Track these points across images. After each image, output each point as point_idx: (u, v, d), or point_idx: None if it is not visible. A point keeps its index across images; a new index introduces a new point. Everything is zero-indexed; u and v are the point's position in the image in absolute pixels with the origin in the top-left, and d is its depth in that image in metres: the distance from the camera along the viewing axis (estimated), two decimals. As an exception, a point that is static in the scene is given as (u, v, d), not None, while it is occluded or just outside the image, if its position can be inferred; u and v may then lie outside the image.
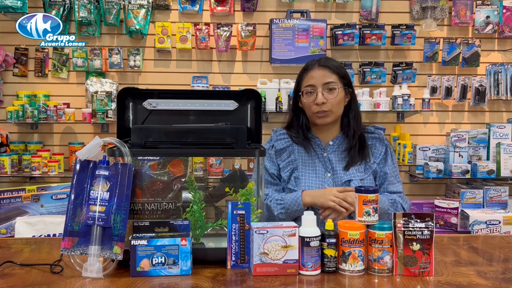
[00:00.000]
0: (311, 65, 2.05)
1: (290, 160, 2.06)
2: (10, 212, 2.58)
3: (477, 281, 1.41)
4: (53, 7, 3.73)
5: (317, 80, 2.00)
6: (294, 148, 2.08)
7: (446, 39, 3.90)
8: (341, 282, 1.40)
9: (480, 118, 4.01)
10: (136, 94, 1.71)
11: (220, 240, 1.64)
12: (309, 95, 2.01)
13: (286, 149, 2.07)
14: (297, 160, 2.05)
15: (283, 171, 2.06)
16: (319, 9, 3.93)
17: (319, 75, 2.01)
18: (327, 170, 2.04)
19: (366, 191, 1.49)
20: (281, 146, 2.08)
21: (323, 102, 1.97)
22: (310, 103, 2.00)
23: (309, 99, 2.01)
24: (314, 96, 1.99)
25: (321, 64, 2.03)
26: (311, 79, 2.01)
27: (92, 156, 1.49)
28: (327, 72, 2.01)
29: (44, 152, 3.69)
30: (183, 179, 1.60)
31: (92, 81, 3.81)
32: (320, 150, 2.07)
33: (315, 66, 2.03)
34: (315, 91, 1.99)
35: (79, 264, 1.44)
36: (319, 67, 2.02)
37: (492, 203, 3.71)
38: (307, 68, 2.06)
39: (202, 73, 3.91)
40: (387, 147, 2.08)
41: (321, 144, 2.07)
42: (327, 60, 2.07)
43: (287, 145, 2.08)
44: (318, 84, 1.99)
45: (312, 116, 2.03)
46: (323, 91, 1.98)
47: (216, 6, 3.83)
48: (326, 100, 1.98)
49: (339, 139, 2.08)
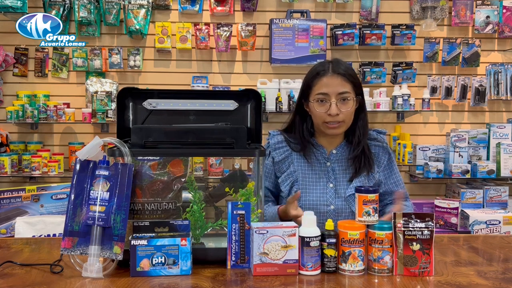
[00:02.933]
0: (324, 71, 1.91)
1: (290, 172, 1.96)
2: (10, 212, 2.59)
3: (477, 281, 1.41)
4: (53, 7, 3.73)
5: (331, 89, 1.87)
6: (293, 158, 1.98)
7: (446, 39, 3.90)
8: (341, 282, 1.40)
9: (480, 118, 4.01)
10: (136, 94, 1.71)
11: (220, 240, 1.64)
12: (320, 103, 1.89)
13: (286, 160, 1.98)
14: (297, 172, 1.96)
15: (283, 185, 1.97)
16: (319, 9, 3.93)
17: (333, 83, 1.88)
18: (330, 180, 1.95)
19: (366, 191, 1.49)
20: (280, 157, 1.98)
21: (337, 113, 1.86)
22: (322, 112, 1.89)
23: (321, 109, 1.89)
24: (327, 106, 1.87)
25: (335, 71, 1.90)
26: (324, 87, 1.88)
27: (92, 156, 1.49)
28: (342, 81, 1.89)
29: (44, 152, 3.69)
30: (183, 179, 1.60)
31: (92, 81, 3.81)
32: (323, 159, 1.97)
33: (328, 72, 1.90)
34: (328, 100, 1.87)
35: (79, 264, 1.45)
36: (333, 74, 1.89)
37: (492, 203, 3.71)
38: (319, 73, 1.91)
39: (202, 73, 3.90)
40: (390, 154, 2.01)
41: (324, 153, 1.97)
42: (340, 65, 1.93)
43: (286, 155, 1.98)
44: (332, 94, 1.87)
45: (321, 125, 1.92)
46: (337, 101, 1.87)
47: (216, 6, 3.83)
48: (340, 111, 1.87)
49: (343, 147, 1.98)
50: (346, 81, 1.90)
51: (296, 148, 1.98)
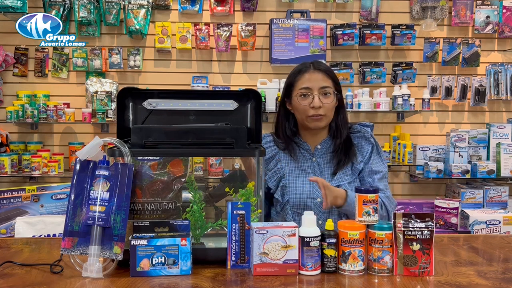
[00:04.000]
0: (305, 68, 2.02)
1: (277, 169, 2.03)
2: (10, 212, 2.59)
3: (477, 281, 1.41)
4: (53, 7, 3.73)
5: (314, 83, 1.97)
6: (280, 156, 2.05)
7: (446, 39, 3.90)
8: (341, 282, 1.40)
9: (480, 118, 4.01)
10: (136, 94, 1.71)
11: (220, 240, 1.64)
12: (304, 97, 1.98)
13: (273, 158, 2.05)
14: (284, 168, 2.02)
15: (270, 181, 2.03)
16: (319, 9, 3.93)
17: (315, 78, 1.98)
18: (315, 174, 2.01)
19: (366, 191, 1.49)
20: (268, 155, 2.04)
21: (320, 106, 1.95)
22: (306, 106, 1.97)
23: (305, 102, 1.97)
24: (309, 99, 1.96)
25: (316, 67, 2.01)
26: (307, 82, 1.98)
27: (92, 156, 1.49)
28: (323, 76, 1.99)
29: (44, 152, 3.69)
30: (183, 179, 1.60)
31: (92, 81, 3.81)
32: (308, 155, 2.04)
33: (310, 69, 2.01)
34: (311, 94, 1.96)
35: (79, 264, 1.45)
36: (315, 70, 2.00)
37: (492, 203, 3.71)
38: (300, 71, 2.02)
39: (202, 73, 3.90)
40: (373, 145, 2.05)
41: (309, 149, 2.04)
42: (321, 63, 2.05)
43: (273, 153, 2.05)
44: (315, 88, 1.96)
45: (305, 119, 1.99)
46: (320, 95, 1.96)
47: (216, 6, 3.83)
48: (322, 104, 1.95)
49: (327, 142, 2.05)
50: (327, 77, 2.00)
51: (282, 146, 2.06)
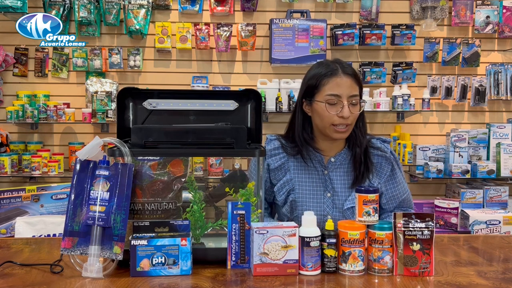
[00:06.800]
0: (333, 70, 1.82)
1: (286, 180, 1.90)
2: (10, 212, 2.58)
3: (477, 281, 1.41)
4: (53, 7, 3.73)
5: (344, 91, 1.80)
6: (289, 165, 1.91)
7: (446, 39, 3.90)
8: (341, 282, 1.40)
9: (480, 118, 4.01)
10: (136, 94, 1.71)
11: (220, 240, 1.64)
12: (331, 105, 1.81)
13: (282, 167, 1.91)
14: (294, 180, 1.89)
15: (278, 194, 1.91)
16: (319, 9, 3.93)
17: (346, 85, 1.81)
18: (327, 189, 1.89)
19: (366, 191, 1.48)
20: (276, 164, 1.91)
21: (349, 116, 1.79)
22: (332, 114, 1.80)
23: (332, 110, 1.80)
24: (337, 108, 1.80)
25: (345, 71, 1.83)
26: (336, 88, 1.80)
27: (92, 156, 1.49)
28: (352, 83, 1.83)
29: (44, 152, 3.69)
30: (183, 179, 1.60)
31: (92, 81, 3.81)
32: (320, 167, 1.90)
33: (339, 72, 1.82)
34: (340, 102, 1.80)
35: (79, 264, 1.44)
36: (344, 74, 1.82)
37: (492, 203, 3.71)
38: (328, 73, 1.82)
39: (202, 73, 3.90)
40: (394, 164, 1.93)
41: (322, 160, 1.90)
42: (348, 66, 1.87)
43: (282, 162, 1.91)
44: (344, 95, 1.80)
45: (327, 127, 1.83)
46: (349, 104, 1.80)
47: (216, 6, 3.83)
48: (351, 113, 1.80)
49: (342, 156, 1.90)
50: (356, 83, 1.85)
51: (292, 152, 1.90)
